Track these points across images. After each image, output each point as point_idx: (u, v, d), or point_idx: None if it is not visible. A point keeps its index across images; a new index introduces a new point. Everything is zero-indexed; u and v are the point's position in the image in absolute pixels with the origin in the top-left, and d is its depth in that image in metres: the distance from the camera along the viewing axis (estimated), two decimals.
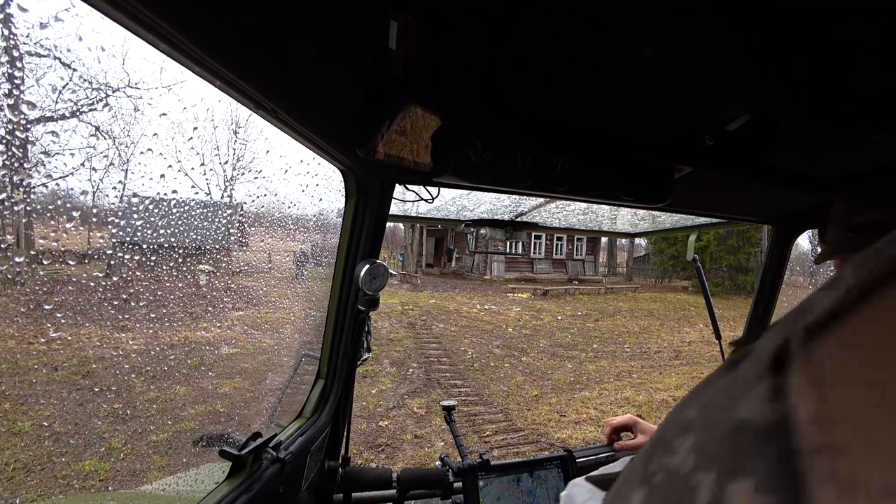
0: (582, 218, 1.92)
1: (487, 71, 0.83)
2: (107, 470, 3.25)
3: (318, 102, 0.74)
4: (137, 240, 2.05)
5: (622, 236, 2.41)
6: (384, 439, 4.88)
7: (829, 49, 0.69)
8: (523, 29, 0.70)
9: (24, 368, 3.54)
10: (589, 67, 0.80)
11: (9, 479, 2.96)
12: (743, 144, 1.06)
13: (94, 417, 3.64)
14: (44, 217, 1.65)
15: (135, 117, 2.18)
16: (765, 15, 0.62)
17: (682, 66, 0.77)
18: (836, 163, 1.20)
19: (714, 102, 0.91)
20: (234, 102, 0.61)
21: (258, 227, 3.08)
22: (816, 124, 0.97)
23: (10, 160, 1.20)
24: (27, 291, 2.43)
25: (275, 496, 1.08)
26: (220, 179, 4.70)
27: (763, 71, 0.77)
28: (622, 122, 1.05)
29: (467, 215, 1.79)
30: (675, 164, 1.21)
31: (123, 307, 2.99)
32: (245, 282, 4.82)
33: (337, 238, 1.25)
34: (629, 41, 0.71)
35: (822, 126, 0.98)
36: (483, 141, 1.04)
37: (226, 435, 1.18)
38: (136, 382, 4.03)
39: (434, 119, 0.87)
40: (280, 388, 1.56)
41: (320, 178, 1.33)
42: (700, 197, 1.43)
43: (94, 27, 0.74)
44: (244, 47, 0.52)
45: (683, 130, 1.04)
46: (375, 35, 0.68)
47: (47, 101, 1.66)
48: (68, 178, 1.89)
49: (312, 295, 2.14)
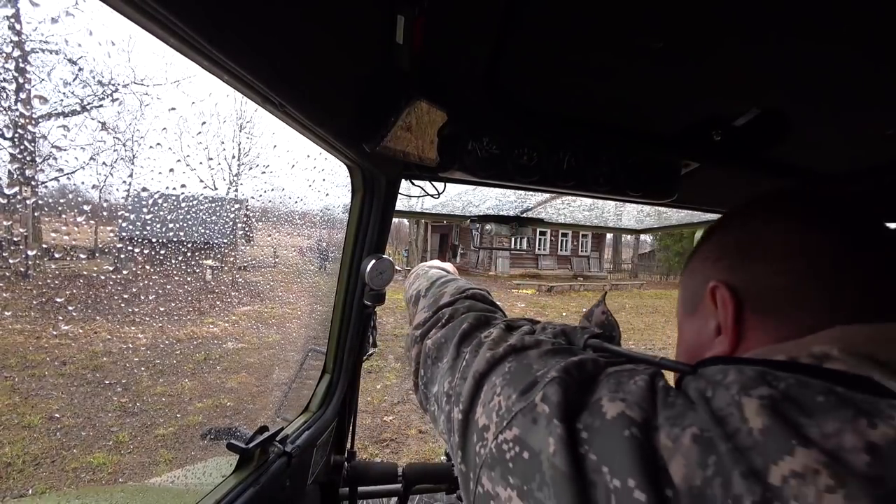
0: (587, 214, 1.92)
1: (494, 66, 0.83)
2: (115, 463, 3.29)
3: (325, 97, 0.74)
4: (146, 234, 2.06)
5: (628, 232, 2.40)
6: (389, 434, 4.90)
7: (840, 43, 0.68)
8: (530, 23, 0.70)
9: (32, 363, 3.58)
10: (596, 62, 0.80)
11: (19, 472, 3.00)
12: (751, 140, 1.05)
13: (103, 411, 3.68)
14: (55, 211, 1.66)
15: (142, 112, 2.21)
16: (773, 8, 0.62)
17: (690, 60, 0.76)
18: (845, 158, 1.19)
19: (722, 97, 0.90)
20: (240, 98, 0.62)
21: (265, 223, 3.09)
22: (825, 119, 0.96)
23: (21, 154, 1.21)
24: (37, 285, 2.46)
25: (281, 489, 1.08)
26: (227, 174, 4.75)
27: (771, 65, 0.76)
28: (629, 118, 1.05)
29: (472, 211, 1.78)
30: (682, 160, 1.21)
31: (132, 301, 3.01)
32: (251, 277, 4.84)
33: (342, 233, 1.25)
34: (637, 36, 0.71)
35: (831, 121, 0.97)
36: (489, 136, 1.04)
37: (233, 428, 1.19)
38: (144, 376, 4.06)
39: (440, 114, 0.87)
40: (286, 382, 1.57)
41: (326, 173, 1.33)
42: (707, 193, 1.42)
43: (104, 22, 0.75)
44: (252, 41, 0.52)
45: (691, 125, 1.04)
46: (383, 29, 0.68)
47: (58, 95, 1.68)
48: (78, 173, 1.92)
49: (318, 290, 2.14)
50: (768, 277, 0.46)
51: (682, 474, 0.34)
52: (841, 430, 0.32)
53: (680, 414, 0.38)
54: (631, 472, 0.35)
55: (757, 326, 0.46)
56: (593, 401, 0.42)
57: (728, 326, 0.48)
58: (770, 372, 0.38)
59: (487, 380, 0.52)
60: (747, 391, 0.36)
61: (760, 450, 0.32)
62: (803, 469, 0.30)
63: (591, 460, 0.38)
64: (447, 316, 0.73)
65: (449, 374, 0.61)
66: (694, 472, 0.34)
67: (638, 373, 0.45)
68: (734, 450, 0.33)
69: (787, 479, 0.30)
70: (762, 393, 0.36)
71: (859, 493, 0.29)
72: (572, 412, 0.42)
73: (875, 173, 1.22)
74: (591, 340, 0.57)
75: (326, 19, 0.62)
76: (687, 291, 0.57)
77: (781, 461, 0.31)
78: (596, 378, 0.46)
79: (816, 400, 0.34)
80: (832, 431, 0.32)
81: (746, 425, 0.34)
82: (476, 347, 0.59)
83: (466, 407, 0.52)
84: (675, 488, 0.34)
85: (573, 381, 0.45)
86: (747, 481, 0.31)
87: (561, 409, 0.42)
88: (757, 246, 0.48)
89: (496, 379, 0.51)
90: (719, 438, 0.34)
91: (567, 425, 0.40)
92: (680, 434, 0.36)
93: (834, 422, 0.32)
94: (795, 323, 0.43)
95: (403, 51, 0.70)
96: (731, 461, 0.32)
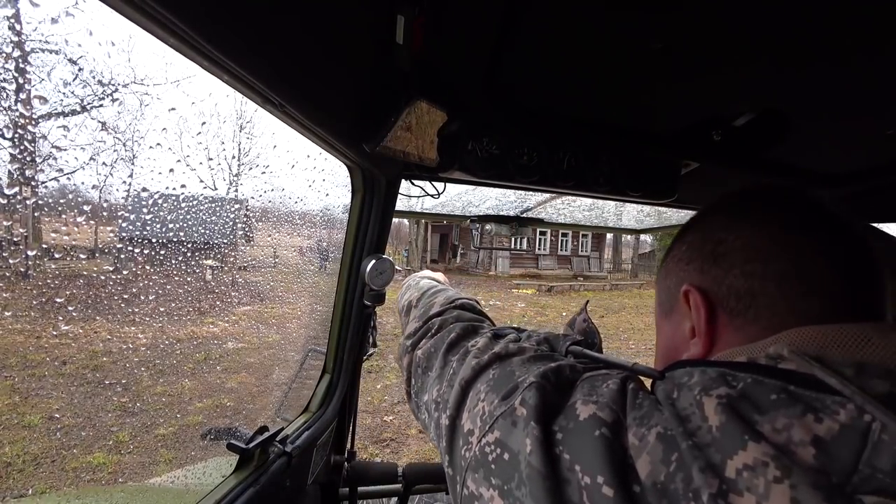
0: (587, 214, 1.92)
1: (493, 66, 0.83)
2: (115, 463, 3.29)
3: (325, 97, 0.74)
4: (146, 234, 2.06)
5: (628, 232, 2.40)
6: (389, 434, 4.90)
7: (839, 42, 0.68)
8: (530, 23, 0.70)
9: (32, 363, 3.57)
10: (596, 62, 0.80)
11: (19, 472, 3.00)
12: (751, 140, 1.05)
13: (103, 411, 3.68)
14: (55, 211, 1.66)
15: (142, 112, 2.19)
16: (774, 8, 0.62)
17: (690, 60, 0.76)
18: (846, 158, 1.19)
19: (722, 97, 0.90)
20: (240, 98, 0.62)
21: (265, 223, 3.08)
22: (825, 119, 0.96)
23: (21, 154, 1.21)
24: (37, 285, 2.45)
25: (281, 489, 1.08)
26: (227, 174, 4.72)
27: (771, 65, 0.76)
28: (629, 118, 1.05)
29: (473, 211, 1.78)
30: (682, 160, 1.21)
31: (132, 301, 3.01)
32: (251, 277, 4.84)
33: (342, 233, 1.25)
34: (637, 35, 0.71)
35: (831, 121, 0.97)
36: (489, 136, 1.04)
37: (233, 429, 1.19)
38: (144, 376, 4.06)
39: (440, 114, 0.87)
40: (286, 382, 1.57)
41: (326, 173, 1.33)
42: (707, 192, 1.42)
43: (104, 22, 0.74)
44: (252, 41, 0.52)
45: (691, 125, 1.04)
46: (383, 29, 0.68)
47: (58, 95, 1.67)
48: (78, 173, 1.91)
49: (318, 290, 2.14)
50: (736, 280, 0.47)
51: (647, 471, 0.36)
52: (790, 426, 0.34)
53: (647, 414, 0.41)
54: (600, 470, 0.37)
55: (728, 329, 0.47)
56: (569, 404, 0.45)
57: (701, 330, 0.49)
58: (730, 372, 0.40)
59: (473, 387, 0.55)
60: (708, 391, 0.38)
61: (718, 446, 0.35)
62: (754, 462, 0.32)
63: (564, 459, 0.40)
64: (436, 326, 0.76)
65: (437, 382, 0.63)
66: (658, 469, 0.36)
67: (611, 377, 0.48)
68: (694, 446, 0.35)
69: (740, 472, 0.32)
70: (721, 392, 0.38)
71: (804, 484, 0.31)
72: (549, 415, 0.44)
73: (875, 173, 1.22)
74: (572, 347, 0.60)
75: (326, 19, 0.62)
76: (663, 293, 0.58)
77: (736, 455, 0.33)
78: (573, 383, 0.49)
79: (770, 398, 0.36)
80: (782, 426, 0.34)
81: (706, 423, 0.36)
82: (463, 356, 0.62)
83: (453, 413, 0.54)
84: (641, 484, 0.36)
85: (551, 385, 0.47)
86: (705, 475, 0.33)
87: (538, 411, 0.44)
88: (724, 248, 0.49)
89: (481, 386, 0.54)
90: (681, 436, 0.37)
91: (543, 427, 0.43)
92: (646, 433, 0.39)
93: (784, 418, 0.34)
94: (762, 325, 0.45)
95: (403, 51, 0.70)
96: (691, 457, 0.35)
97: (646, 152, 1.16)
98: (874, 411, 0.32)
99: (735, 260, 0.47)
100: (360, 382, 1.56)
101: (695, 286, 0.50)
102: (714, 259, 0.49)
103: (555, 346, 0.62)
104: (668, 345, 0.56)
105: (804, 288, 0.44)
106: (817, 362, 0.37)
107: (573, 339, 0.63)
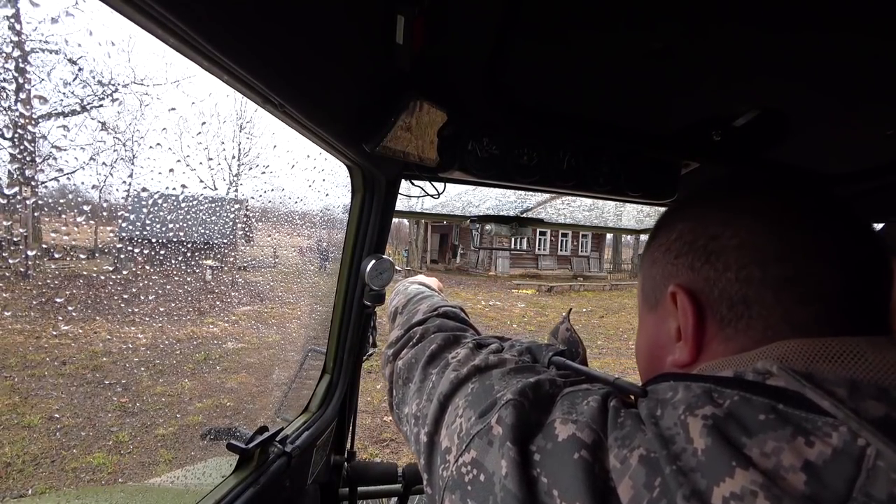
0: (587, 214, 1.92)
1: (494, 66, 0.83)
2: (115, 463, 3.28)
3: (325, 97, 0.74)
4: (146, 235, 2.06)
5: (628, 233, 2.40)
6: (389, 434, 4.89)
7: (840, 43, 0.68)
8: (529, 23, 0.70)
9: (32, 363, 3.57)
10: (596, 62, 0.80)
11: (19, 472, 3.00)
12: (751, 140, 1.05)
13: (102, 411, 3.68)
14: (55, 211, 1.66)
15: (142, 112, 2.19)
16: (774, 8, 0.62)
17: (690, 60, 0.76)
18: (845, 158, 1.19)
19: (721, 97, 0.90)
20: (240, 98, 0.62)
21: (265, 223, 3.08)
22: (825, 120, 0.96)
23: (21, 154, 1.21)
24: (37, 285, 2.45)
25: (281, 489, 1.08)
26: (227, 174, 4.71)
27: (771, 65, 0.76)
28: (629, 118, 1.05)
29: (472, 211, 1.78)
30: (682, 160, 1.21)
31: (132, 301, 3.01)
32: (251, 277, 4.84)
33: (342, 233, 1.25)
34: (637, 36, 0.71)
35: (831, 121, 0.97)
36: (489, 136, 1.04)
37: (233, 429, 1.19)
38: (144, 376, 4.06)
39: (440, 114, 0.87)
40: (286, 382, 1.57)
41: (326, 173, 1.33)
42: None
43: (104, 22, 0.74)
44: (252, 42, 0.52)
45: (690, 125, 1.04)
46: (383, 29, 0.68)
47: (58, 95, 1.67)
48: (78, 173, 1.91)
49: (318, 290, 2.14)
50: (730, 285, 0.43)
51: (629, 496, 0.35)
52: (779, 450, 0.32)
53: (629, 434, 0.39)
54: (579, 496, 0.36)
55: (717, 338, 0.45)
56: (548, 422, 0.43)
57: (689, 336, 0.46)
58: (716, 389, 0.38)
59: (451, 402, 0.53)
60: (693, 411, 0.37)
61: (704, 471, 0.33)
62: (741, 491, 0.31)
63: (542, 483, 0.39)
64: (418, 336, 0.75)
65: (417, 395, 0.62)
66: (641, 494, 0.34)
67: (592, 393, 0.46)
68: (679, 471, 0.33)
69: (727, 501, 0.31)
70: (706, 413, 0.36)
71: None
72: (526, 435, 0.43)
73: (875, 173, 1.22)
74: (554, 358, 0.59)
75: (326, 19, 0.62)
76: (647, 283, 0.54)
77: (723, 483, 0.32)
78: (553, 398, 0.47)
79: (758, 418, 0.34)
80: (771, 451, 0.32)
81: (692, 445, 0.35)
82: (442, 369, 0.61)
83: (431, 430, 0.53)
84: None
85: (529, 402, 0.46)
86: (690, 503, 0.31)
87: (514, 431, 0.43)
88: (718, 245, 0.45)
89: (459, 401, 0.52)
90: (665, 459, 0.35)
91: (520, 448, 0.41)
92: (628, 455, 0.37)
93: (773, 441, 0.33)
94: (753, 336, 0.42)
95: (403, 51, 0.70)
96: (675, 483, 0.33)
97: (645, 152, 1.16)
98: (869, 437, 0.31)
99: (730, 261, 0.43)
100: (360, 382, 1.56)
101: (683, 287, 0.46)
102: (706, 256, 0.45)
103: (537, 357, 0.61)
104: (652, 341, 0.53)
105: (802, 295, 0.40)
106: (807, 380, 0.35)
107: (556, 349, 0.62)
